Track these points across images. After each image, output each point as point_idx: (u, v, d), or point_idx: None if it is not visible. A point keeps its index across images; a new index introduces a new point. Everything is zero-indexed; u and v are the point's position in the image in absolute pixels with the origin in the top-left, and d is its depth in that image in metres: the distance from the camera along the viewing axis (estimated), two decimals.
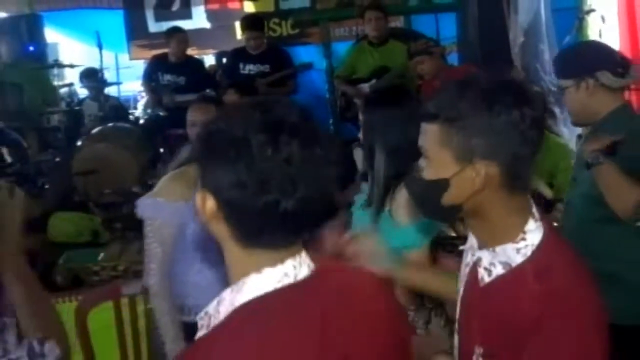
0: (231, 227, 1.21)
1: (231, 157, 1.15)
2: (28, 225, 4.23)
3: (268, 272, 1.21)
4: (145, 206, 2.80)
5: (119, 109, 6.68)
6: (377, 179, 2.66)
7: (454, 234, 4.18)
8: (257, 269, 1.21)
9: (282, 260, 1.22)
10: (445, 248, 3.87)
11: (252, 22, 6.47)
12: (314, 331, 1.23)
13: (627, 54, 4.86)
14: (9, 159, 5.32)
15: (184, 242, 2.74)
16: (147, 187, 4.12)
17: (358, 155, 2.78)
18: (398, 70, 5.87)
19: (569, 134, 4.76)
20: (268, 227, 1.20)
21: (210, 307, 1.26)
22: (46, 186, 5.20)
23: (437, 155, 1.44)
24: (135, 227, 4.06)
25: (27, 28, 6.90)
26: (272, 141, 1.13)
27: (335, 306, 1.29)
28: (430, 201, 1.50)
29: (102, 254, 3.77)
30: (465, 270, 1.67)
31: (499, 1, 5.69)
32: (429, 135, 1.43)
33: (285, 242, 1.23)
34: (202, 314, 1.28)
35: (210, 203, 1.20)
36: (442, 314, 2.72)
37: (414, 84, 5.66)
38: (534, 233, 1.47)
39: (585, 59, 2.76)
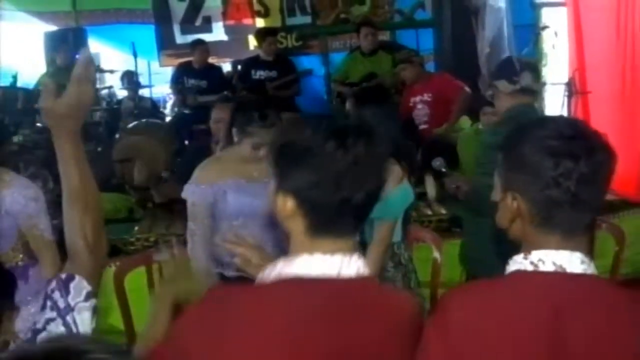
0: (308, 221, 1.19)
1: (307, 162, 1.15)
2: None
3: (318, 257, 1.18)
4: (185, 190, 2.82)
5: (151, 107, 6.70)
6: None
7: (430, 212, 4.25)
8: (311, 251, 1.19)
9: (333, 252, 1.19)
10: (422, 223, 3.93)
11: (269, 31, 6.63)
12: (324, 324, 1.17)
13: (575, 63, 4.91)
14: None
15: (216, 216, 2.74)
16: (174, 173, 4.18)
17: None
18: (385, 75, 5.90)
19: None
20: (341, 219, 1.19)
21: (267, 269, 1.24)
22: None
23: (496, 180, 1.36)
24: (163, 205, 4.14)
25: (74, 40, 6.88)
26: (341, 146, 1.14)
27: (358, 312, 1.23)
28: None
29: (136, 228, 3.81)
30: None
31: (468, 19, 5.68)
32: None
33: (353, 230, 1.23)
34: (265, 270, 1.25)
35: (290, 203, 1.18)
36: (414, 269, 2.78)
37: (397, 87, 5.69)
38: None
39: (494, 71, 3.01)
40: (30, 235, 2.45)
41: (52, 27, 7.28)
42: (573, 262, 1.20)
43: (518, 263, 1.24)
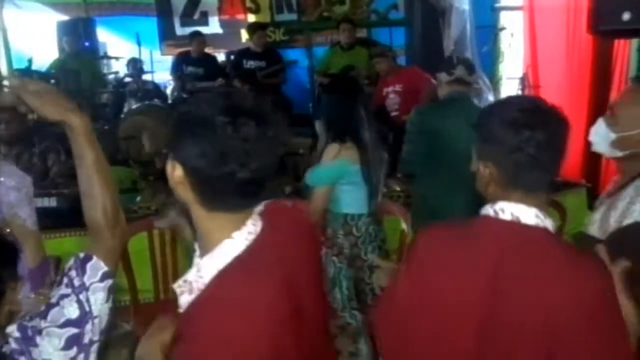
0: (196, 192, 1.11)
1: (198, 134, 1.07)
2: None
3: (237, 235, 1.12)
4: None
5: (153, 91, 6.63)
6: (320, 141, 2.74)
7: (398, 188, 4.27)
8: (227, 234, 1.12)
9: (243, 222, 1.14)
10: (392, 198, 3.95)
11: (259, 26, 6.58)
12: (282, 272, 1.15)
13: (528, 60, 4.94)
14: None
15: None
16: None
17: (318, 126, 2.80)
18: (361, 68, 5.89)
19: None
20: (226, 194, 1.11)
21: (190, 275, 1.15)
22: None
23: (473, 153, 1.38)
24: (163, 178, 4.16)
25: (84, 29, 6.79)
26: (232, 122, 1.06)
27: (292, 248, 1.24)
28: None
29: (138, 198, 3.79)
30: None
31: (436, 19, 5.67)
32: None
33: (242, 207, 1.15)
34: (180, 282, 1.16)
35: (179, 171, 1.10)
36: (374, 240, 2.76)
37: (372, 78, 5.68)
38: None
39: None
40: (12, 224, 2.23)
41: (64, 17, 7.12)
42: (528, 215, 1.25)
43: (485, 210, 1.30)
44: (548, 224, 1.26)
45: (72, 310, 1.10)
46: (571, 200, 3.96)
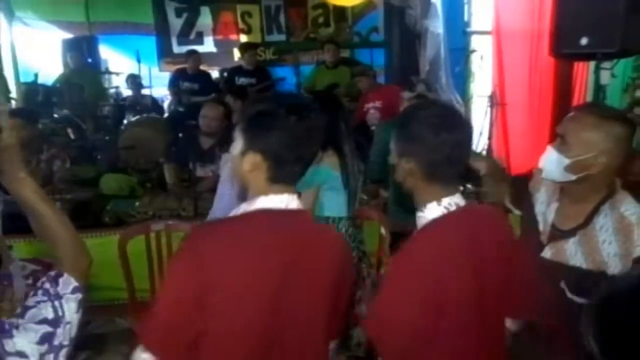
0: (269, 173, 1.28)
1: (276, 128, 1.25)
2: (84, 182, 4.16)
3: (271, 197, 1.29)
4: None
5: (151, 104, 6.61)
6: None
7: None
8: (267, 193, 1.29)
9: (281, 193, 1.30)
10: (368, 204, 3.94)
11: (250, 45, 6.63)
12: (281, 239, 1.29)
13: (496, 80, 5.00)
14: (72, 137, 5.27)
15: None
16: (169, 160, 4.12)
17: None
18: (345, 85, 5.92)
19: None
20: (293, 172, 1.30)
21: (232, 212, 1.33)
22: (99, 156, 5.14)
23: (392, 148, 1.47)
24: (160, 185, 4.09)
25: (87, 46, 6.77)
26: (300, 117, 1.26)
27: (302, 233, 1.35)
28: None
29: (137, 203, 3.75)
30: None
31: (413, 42, 5.72)
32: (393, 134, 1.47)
33: (294, 181, 1.34)
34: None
35: (258, 159, 1.27)
36: (354, 242, 2.75)
37: (354, 95, 5.71)
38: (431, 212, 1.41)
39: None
40: None
41: (69, 35, 7.08)
42: (461, 200, 1.41)
43: (435, 210, 1.39)
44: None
45: (48, 312, 1.09)
46: None
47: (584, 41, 3.25)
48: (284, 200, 1.30)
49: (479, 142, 4.85)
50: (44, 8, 6.98)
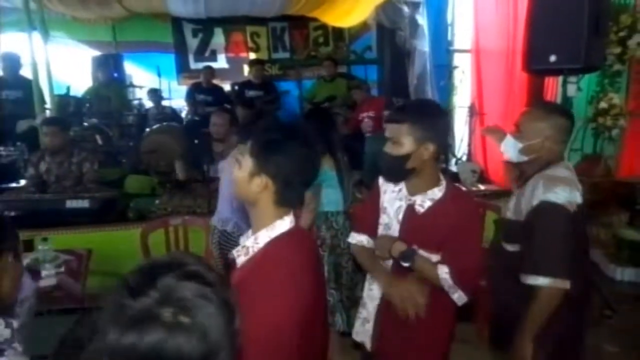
0: (277, 195, 1.24)
1: (286, 153, 1.22)
2: (110, 183, 4.19)
3: (286, 219, 1.26)
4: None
5: (171, 114, 6.64)
6: None
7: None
8: (281, 217, 1.25)
9: (288, 215, 1.27)
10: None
11: (258, 62, 6.62)
12: (310, 249, 1.34)
13: (475, 92, 5.02)
14: (100, 142, 5.30)
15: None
16: (181, 159, 4.12)
17: None
18: (341, 97, 5.94)
19: None
20: (298, 193, 1.27)
21: (249, 242, 1.25)
22: (123, 160, 5.17)
23: (405, 140, 1.56)
24: (177, 186, 4.14)
25: (114, 62, 6.79)
26: (305, 145, 1.24)
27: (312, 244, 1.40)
28: (395, 167, 1.61)
29: (157, 201, 3.80)
30: (396, 213, 1.71)
31: (402, 59, 5.76)
32: (400, 129, 1.56)
33: (300, 203, 1.30)
34: (239, 248, 1.26)
35: (268, 181, 1.22)
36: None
37: (350, 106, 5.73)
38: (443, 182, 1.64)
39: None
40: None
41: (97, 53, 7.11)
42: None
43: (440, 189, 1.67)
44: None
45: None
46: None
47: (552, 58, 3.27)
48: (292, 221, 1.28)
49: (460, 148, 4.87)
50: (76, 29, 7.01)
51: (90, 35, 7.25)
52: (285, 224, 1.25)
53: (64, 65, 6.79)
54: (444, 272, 1.61)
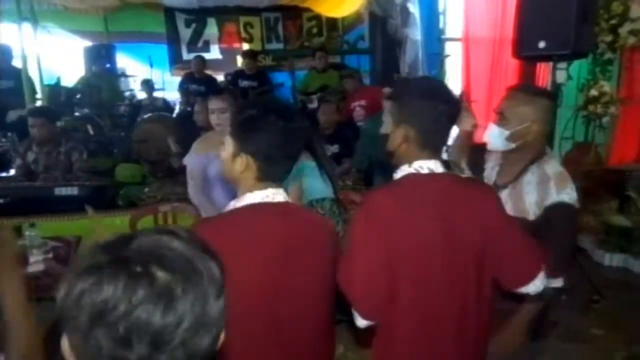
0: (259, 172, 1.23)
1: (265, 131, 1.20)
2: (101, 172, 4.17)
3: (257, 192, 1.24)
4: (185, 158, 2.84)
5: (162, 105, 6.61)
6: None
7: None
8: (251, 191, 1.24)
9: (265, 188, 1.24)
10: (355, 190, 3.96)
11: (249, 55, 6.54)
12: (273, 228, 1.21)
13: (466, 82, 5.03)
14: (92, 132, 5.29)
15: (207, 177, 2.73)
16: (178, 152, 4.13)
17: None
18: (334, 87, 5.94)
19: None
20: (281, 169, 1.26)
21: (224, 210, 1.28)
22: (115, 150, 5.16)
23: (387, 119, 1.48)
24: (168, 174, 4.14)
25: (106, 53, 6.76)
26: (283, 119, 1.21)
27: (291, 220, 1.26)
28: (383, 147, 1.47)
29: (147, 189, 3.79)
30: None
31: (394, 48, 5.76)
32: (387, 106, 1.46)
33: (284, 178, 1.28)
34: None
35: (249, 160, 1.22)
36: (336, 219, 2.79)
37: (342, 95, 5.72)
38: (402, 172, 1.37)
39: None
40: None
41: (89, 43, 7.07)
42: (438, 167, 1.35)
43: (405, 170, 1.35)
44: (443, 169, 1.37)
45: None
46: None
47: (541, 44, 3.29)
48: (269, 195, 1.24)
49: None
50: (67, 19, 6.98)
51: (81, 26, 7.20)
52: (255, 196, 1.24)
53: (55, 56, 6.76)
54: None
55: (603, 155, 5.21)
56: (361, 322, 1.31)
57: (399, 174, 1.36)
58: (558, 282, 1.68)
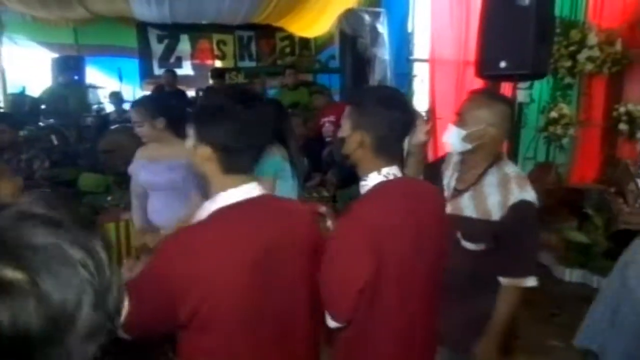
0: (222, 164, 1.20)
1: (223, 119, 1.18)
2: (65, 183, 4.09)
3: (230, 192, 1.21)
4: (130, 167, 2.79)
5: (130, 118, 6.55)
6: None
7: (327, 194, 4.32)
8: (231, 187, 1.21)
9: (241, 184, 1.22)
10: (322, 200, 3.95)
11: (217, 74, 6.58)
12: (254, 227, 1.21)
13: (432, 102, 5.18)
14: (56, 142, 5.19)
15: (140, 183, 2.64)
16: None
17: None
18: (304, 104, 6.00)
19: None
20: (245, 160, 1.23)
21: (197, 215, 1.21)
22: (80, 160, 5.07)
23: (344, 123, 1.43)
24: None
25: (74, 64, 6.69)
26: (246, 106, 1.20)
27: (271, 215, 1.25)
28: (339, 149, 1.46)
29: (109, 198, 3.75)
30: None
31: (364, 67, 5.84)
32: (345, 111, 1.44)
33: (250, 168, 1.25)
34: (183, 220, 1.25)
35: (209, 150, 1.19)
36: None
37: (312, 111, 5.79)
38: (373, 181, 1.39)
39: None
40: None
41: (58, 55, 7.00)
42: (398, 172, 1.40)
43: (376, 178, 1.38)
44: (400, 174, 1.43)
45: None
46: None
47: (502, 64, 3.41)
48: (245, 192, 1.22)
49: None
50: (36, 30, 6.90)
51: (50, 38, 7.14)
52: (229, 196, 1.21)
53: (21, 66, 6.66)
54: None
55: (563, 175, 5.40)
56: (333, 324, 1.32)
57: (369, 181, 1.39)
58: (531, 282, 1.70)
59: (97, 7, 6.08)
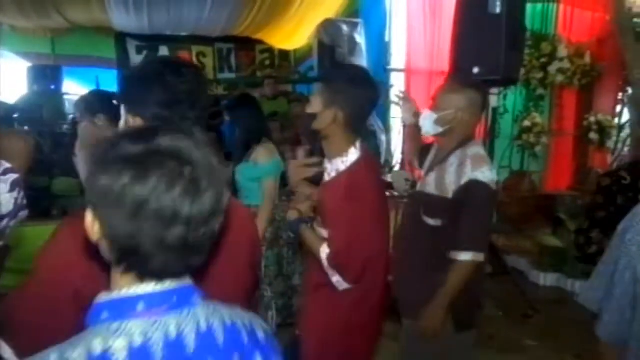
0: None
1: (154, 85, 1.03)
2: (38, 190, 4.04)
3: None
4: None
5: None
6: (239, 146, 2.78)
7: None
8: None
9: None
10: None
11: None
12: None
13: None
14: None
15: None
16: None
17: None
18: (283, 113, 6.05)
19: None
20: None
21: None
22: (54, 168, 5.01)
23: (315, 99, 1.55)
24: None
25: (51, 74, 6.64)
26: (178, 74, 1.04)
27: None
28: (307, 124, 1.58)
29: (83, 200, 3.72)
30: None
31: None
32: (316, 88, 1.55)
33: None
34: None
35: (137, 121, 1.05)
36: None
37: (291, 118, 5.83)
38: (353, 155, 1.55)
39: None
40: None
41: (34, 63, 6.93)
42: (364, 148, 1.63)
43: (355, 153, 1.58)
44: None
45: None
46: None
47: (475, 70, 3.51)
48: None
49: (394, 157, 5.08)
50: (13, 40, 6.82)
51: (27, 47, 7.06)
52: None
53: None
54: (324, 252, 1.58)
55: (538, 183, 5.54)
56: (345, 286, 1.58)
57: (350, 157, 1.55)
58: (479, 257, 1.77)
59: (76, 16, 6.07)
